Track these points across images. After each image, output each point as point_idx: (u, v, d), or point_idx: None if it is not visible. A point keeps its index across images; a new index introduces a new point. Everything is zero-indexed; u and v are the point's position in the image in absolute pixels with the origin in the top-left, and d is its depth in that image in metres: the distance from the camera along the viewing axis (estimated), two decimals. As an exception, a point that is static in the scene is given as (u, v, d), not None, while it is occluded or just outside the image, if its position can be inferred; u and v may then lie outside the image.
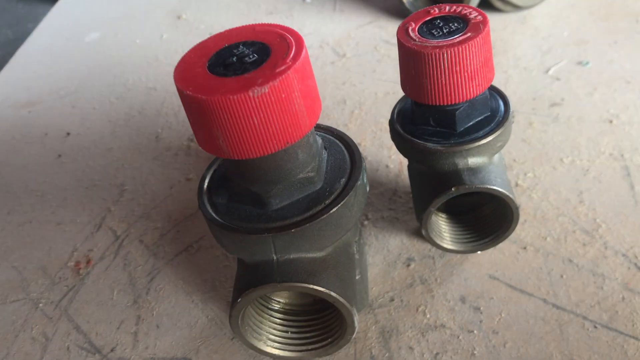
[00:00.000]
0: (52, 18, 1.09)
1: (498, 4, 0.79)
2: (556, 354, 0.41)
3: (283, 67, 0.33)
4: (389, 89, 0.69)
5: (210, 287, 0.51)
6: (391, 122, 0.45)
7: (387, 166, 0.59)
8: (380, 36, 0.81)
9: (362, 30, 0.84)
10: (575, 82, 0.64)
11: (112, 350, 0.48)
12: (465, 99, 0.39)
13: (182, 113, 0.73)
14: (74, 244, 0.58)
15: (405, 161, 0.58)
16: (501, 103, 0.43)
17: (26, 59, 0.96)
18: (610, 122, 0.58)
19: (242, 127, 0.33)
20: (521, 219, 0.50)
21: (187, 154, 0.67)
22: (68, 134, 0.75)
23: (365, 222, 0.53)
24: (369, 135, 0.63)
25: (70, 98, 0.82)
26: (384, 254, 0.50)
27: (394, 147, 0.60)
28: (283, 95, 0.33)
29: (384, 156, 0.60)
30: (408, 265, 0.49)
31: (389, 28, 0.83)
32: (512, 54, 0.71)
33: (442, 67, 0.37)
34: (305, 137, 0.37)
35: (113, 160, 0.68)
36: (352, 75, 0.73)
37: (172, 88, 0.79)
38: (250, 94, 0.31)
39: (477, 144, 0.40)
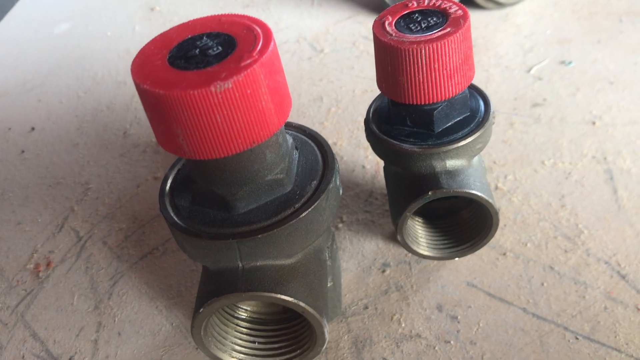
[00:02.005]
0: (21, 7, 1.05)
1: (480, 1, 0.77)
2: (536, 366, 0.39)
3: (249, 61, 0.30)
4: (367, 87, 0.67)
5: (175, 293, 0.48)
6: (366, 122, 0.42)
7: (363, 167, 0.57)
8: (360, 32, 0.78)
9: (340, 25, 0.81)
10: (557, 82, 0.62)
11: (70, 359, 0.45)
12: (443, 98, 0.37)
13: (153, 108, 0.70)
14: (34, 245, 0.55)
15: (382, 162, 0.56)
16: (481, 103, 0.41)
17: (-8, 50, 0.92)
18: (593, 123, 0.56)
19: (204, 125, 0.31)
20: (501, 224, 0.48)
21: (155, 152, 0.64)
22: (33, 128, 0.72)
23: (340, 225, 0.51)
24: (345, 134, 0.61)
25: (36, 91, 0.79)
26: (358, 259, 0.48)
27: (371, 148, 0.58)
28: (248, 91, 0.30)
29: (361, 156, 0.58)
30: (383, 271, 0.47)
31: (368, 24, 0.81)
32: (494, 52, 0.69)
33: (420, 63, 0.35)
34: (273, 136, 0.35)
35: (78, 157, 0.65)
36: (329, 71, 0.71)
37: (143, 82, 0.76)
38: (213, 89, 0.29)
39: (455, 145, 0.38)
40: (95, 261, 0.53)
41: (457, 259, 0.46)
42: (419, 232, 0.45)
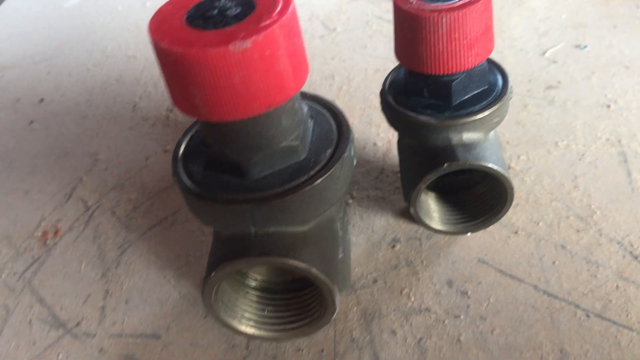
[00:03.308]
0: (31, -18, 1.04)
1: (494, -15, 0.76)
2: (546, 342, 0.39)
3: (268, 22, 0.30)
4: (379, 66, 0.67)
5: (184, 263, 0.48)
6: (382, 93, 0.42)
7: (374, 144, 0.56)
8: (373, 12, 0.78)
9: (353, 4, 0.81)
10: (572, 66, 0.62)
11: (77, 325, 0.45)
12: (462, 69, 0.36)
13: (162, 83, 0.70)
14: (42, 214, 0.55)
15: (394, 140, 0.56)
16: (499, 77, 0.41)
17: (1, 22, 0.91)
18: (608, 107, 0.56)
19: (221, 86, 0.30)
20: (513, 203, 0.48)
21: (165, 125, 0.64)
22: (42, 100, 0.71)
23: (350, 201, 0.51)
24: (357, 112, 0.61)
25: (45, 64, 0.79)
26: (368, 234, 0.48)
27: (383, 125, 0.58)
28: (267, 52, 0.30)
29: (372, 134, 0.57)
30: (393, 247, 0.47)
31: (382, 4, 0.80)
32: (508, 35, 0.68)
33: (440, 33, 0.35)
34: (290, 101, 0.34)
35: (87, 129, 0.65)
36: (341, 50, 0.71)
37: (153, 56, 0.75)
38: (231, 48, 0.29)
39: (473, 118, 0.38)
40: (104, 230, 0.52)
41: (468, 235, 0.46)
42: (431, 206, 0.45)
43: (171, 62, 0.30)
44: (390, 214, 0.49)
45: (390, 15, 0.76)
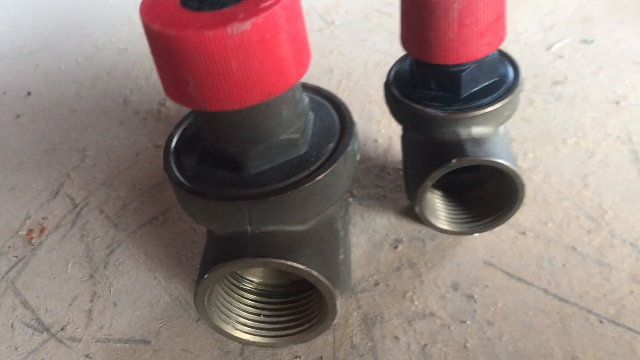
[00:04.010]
0: (21, -27, 1.02)
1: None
2: (557, 349, 0.37)
3: (269, 2, 0.28)
4: (380, 60, 0.64)
5: (175, 264, 0.46)
6: (386, 85, 0.40)
7: (375, 141, 0.54)
8: (372, 4, 0.75)
9: (352, -2, 0.79)
10: (579, 61, 0.60)
11: (62, 329, 0.43)
12: (473, 58, 0.34)
13: (154, 76, 0.68)
14: (27, 211, 0.53)
15: (395, 136, 0.54)
16: (510, 69, 0.39)
17: (-11, 14, 0.89)
18: (617, 103, 0.54)
19: (218, 72, 0.28)
20: (520, 202, 0.46)
21: (156, 120, 0.61)
22: (29, 93, 0.69)
23: (350, 199, 0.49)
24: (357, 107, 0.58)
25: (34, 56, 0.76)
26: (369, 234, 0.46)
27: (384, 121, 0.56)
28: (267, 36, 0.28)
29: (373, 130, 0.55)
30: (395, 247, 0.44)
31: (381, -3, 0.78)
32: (513, 29, 0.66)
33: (451, 18, 0.33)
34: (290, 90, 0.32)
35: (76, 123, 0.63)
36: (340, 44, 0.68)
37: (145, 49, 0.73)
38: (229, 30, 0.27)
39: (483, 111, 0.36)
40: (92, 229, 0.50)
41: (474, 235, 0.44)
42: (437, 205, 0.43)
43: (164, 46, 0.28)
44: (392, 213, 0.47)
45: (390, 9, 0.74)
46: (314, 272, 0.33)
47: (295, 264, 0.32)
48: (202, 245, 0.47)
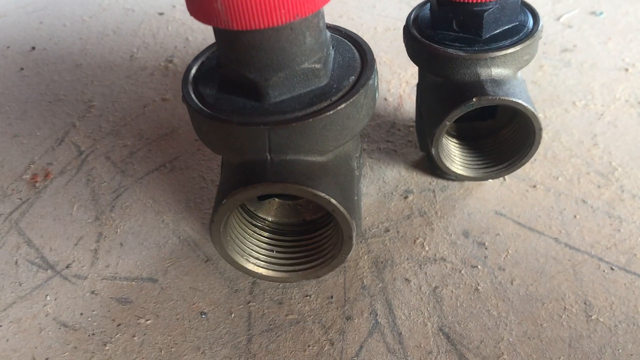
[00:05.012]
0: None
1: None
2: (569, 294, 0.37)
3: None
4: (389, 25, 0.64)
5: (183, 208, 0.46)
6: (406, 27, 0.40)
7: (385, 99, 0.54)
8: (381, -25, 0.76)
9: (360, -31, 0.78)
10: (588, 31, 0.60)
11: (67, 267, 0.42)
12: (496, -3, 0.34)
13: (162, 34, 0.67)
14: (31, 157, 0.52)
15: (405, 95, 0.54)
16: (530, 17, 0.39)
17: (-9, -26, 0.88)
18: (626, 70, 0.54)
19: (247, -14, 0.28)
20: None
21: (164, 75, 0.61)
22: (33, 48, 0.68)
23: (360, 153, 0.48)
24: (365, 68, 0.58)
25: (38, 14, 0.75)
26: (379, 185, 0.46)
27: (394, 82, 0.56)
28: (299, -50, 0.28)
29: (383, 89, 0.55)
30: (405, 197, 0.44)
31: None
32: (521, 1, 0.67)
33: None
34: (315, 17, 0.32)
35: (81, 77, 0.62)
36: (349, 9, 0.68)
37: (152, 10, 0.72)
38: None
39: (504, 52, 0.36)
40: (97, 174, 0.49)
41: (484, 186, 0.44)
42: (452, 150, 0.43)
43: (193, -43, 0.28)
44: (402, 166, 0.47)
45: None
46: (333, 201, 0.32)
47: (315, 191, 0.32)
48: (210, 192, 0.47)
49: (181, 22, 0.70)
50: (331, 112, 0.32)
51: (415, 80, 0.55)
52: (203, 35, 0.67)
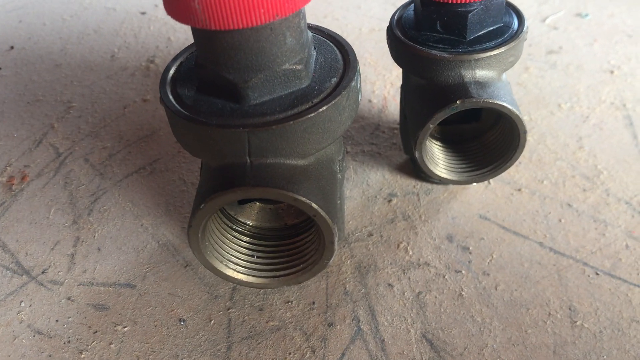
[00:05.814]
0: None
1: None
2: (554, 299, 0.37)
3: None
4: (374, 26, 0.64)
5: (163, 212, 0.45)
6: (390, 28, 0.39)
7: (369, 101, 0.53)
8: (366, -25, 0.75)
9: (345, -31, 0.78)
10: (574, 33, 0.60)
11: (43, 272, 0.41)
12: (481, -2, 0.34)
13: (143, 34, 0.66)
14: (8, 159, 0.51)
15: (389, 97, 0.53)
16: (515, 18, 0.38)
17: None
18: (611, 72, 0.54)
19: (224, -15, 0.27)
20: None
21: (145, 75, 0.60)
22: (11, 47, 0.67)
23: (343, 155, 0.48)
24: (350, 69, 0.57)
25: (17, 12, 0.74)
26: (363, 188, 0.45)
27: (378, 83, 0.55)
28: (278, -51, 0.27)
29: (367, 91, 0.54)
30: (389, 201, 0.44)
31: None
32: (507, 2, 0.66)
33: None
34: (296, 17, 0.31)
35: (61, 77, 0.61)
36: (334, 9, 0.68)
37: (134, 9, 0.71)
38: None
39: (488, 54, 0.35)
40: (76, 177, 0.48)
41: (469, 189, 0.43)
42: (436, 154, 0.42)
43: (168, -45, 0.27)
44: (386, 169, 0.46)
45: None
46: (314, 205, 0.32)
47: (295, 195, 0.31)
48: (190, 195, 0.46)
49: (163, 22, 0.69)
50: (312, 114, 0.31)
51: (400, 81, 0.55)
52: (185, 35, 0.66)
